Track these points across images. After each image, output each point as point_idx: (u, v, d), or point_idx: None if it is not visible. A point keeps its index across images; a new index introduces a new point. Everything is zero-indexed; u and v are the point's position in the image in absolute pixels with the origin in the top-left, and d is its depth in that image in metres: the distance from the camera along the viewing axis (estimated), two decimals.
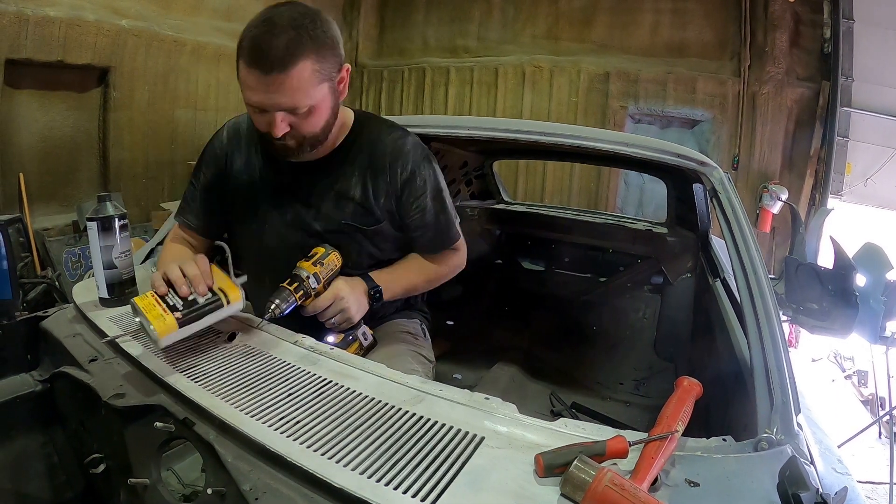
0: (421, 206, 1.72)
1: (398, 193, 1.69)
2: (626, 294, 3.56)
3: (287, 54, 1.37)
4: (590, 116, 7.09)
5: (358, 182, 1.68)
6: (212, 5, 6.34)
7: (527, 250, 3.91)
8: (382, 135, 1.71)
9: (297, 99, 1.43)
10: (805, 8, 6.17)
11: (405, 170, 1.68)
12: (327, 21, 1.47)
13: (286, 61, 1.37)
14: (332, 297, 1.60)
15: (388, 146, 1.69)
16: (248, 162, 1.73)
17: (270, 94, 1.42)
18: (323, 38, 1.44)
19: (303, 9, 1.44)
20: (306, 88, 1.43)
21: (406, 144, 1.70)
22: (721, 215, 1.73)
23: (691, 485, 0.97)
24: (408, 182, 1.68)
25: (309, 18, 1.42)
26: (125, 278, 1.63)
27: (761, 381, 1.22)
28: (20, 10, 4.50)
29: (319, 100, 1.48)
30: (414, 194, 1.70)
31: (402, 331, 1.91)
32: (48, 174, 5.16)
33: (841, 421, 4.67)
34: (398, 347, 1.80)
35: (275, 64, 1.37)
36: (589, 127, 4.11)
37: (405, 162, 1.68)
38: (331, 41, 1.47)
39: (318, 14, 1.46)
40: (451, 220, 1.82)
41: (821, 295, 2.29)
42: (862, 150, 6.14)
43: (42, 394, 1.54)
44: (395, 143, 1.69)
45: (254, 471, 1.01)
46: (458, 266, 1.92)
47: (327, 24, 1.47)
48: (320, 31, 1.43)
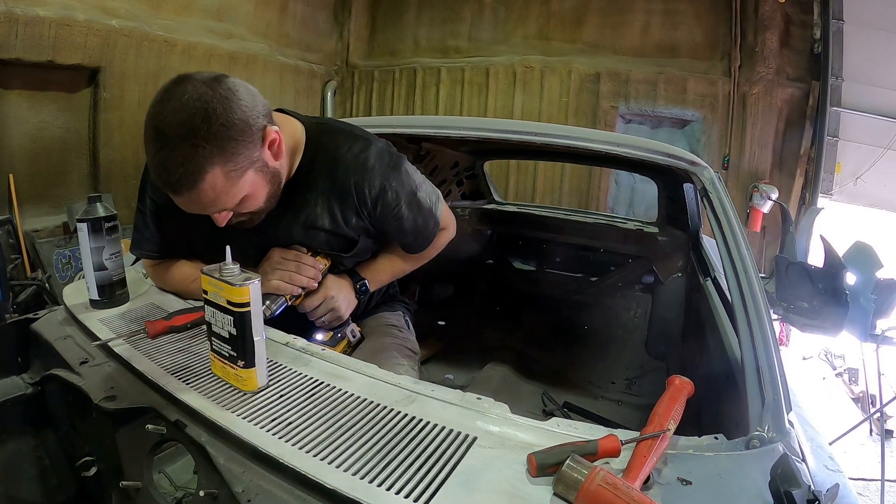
0: (397, 217, 1.65)
1: (371, 210, 1.61)
2: (618, 293, 3.57)
3: (190, 173, 1.23)
4: (581, 116, 7.10)
5: (324, 210, 1.59)
6: (202, 5, 6.31)
7: (518, 250, 3.91)
8: (341, 151, 1.57)
9: (222, 203, 1.33)
10: (795, 8, 6.19)
11: (373, 187, 1.57)
12: (225, 101, 1.25)
13: (192, 181, 1.24)
14: (323, 297, 1.63)
15: (349, 165, 1.56)
16: None
17: (193, 208, 1.33)
18: (223, 133, 1.24)
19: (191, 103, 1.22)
20: (226, 192, 1.30)
21: (369, 159, 1.56)
22: (712, 215, 1.73)
23: (683, 483, 0.97)
24: (379, 198, 1.59)
25: (200, 116, 1.21)
26: (116, 280, 1.62)
27: (752, 379, 1.23)
28: (10, 10, 4.47)
29: (248, 189, 1.35)
30: (388, 208, 1.61)
31: (387, 324, 1.93)
32: (38, 175, 5.12)
33: (832, 418, 4.70)
34: (383, 342, 1.81)
35: (181, 186, 1.25)
36: (580, 127, 4.12)
37: (371, 179, 1.56)
38: (236, 129, 1.27)
39: (210, 101, 1.23)
40: (428, 216, 1.73)
41: (811, 293, 2.30)
42: (852, 150, 6.17)
43: (33, 396, 1.53)
44: (356, 160, 1.56)
45: (246, 472, 1.00)
46: (445, 242, 1.92)
47: (226, 108, 1.25)
48: (218, 127, 1.23)
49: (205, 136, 1.21)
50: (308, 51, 7.90)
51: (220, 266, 1.19)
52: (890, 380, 4.63)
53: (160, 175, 1.25)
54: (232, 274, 1.18)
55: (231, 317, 1.18)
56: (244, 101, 1.29)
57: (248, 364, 1.19)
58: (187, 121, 1.21)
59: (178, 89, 1.24)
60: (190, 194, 1.26)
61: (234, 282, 1.16)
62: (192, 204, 1.31)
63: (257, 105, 1.34)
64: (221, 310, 1.19)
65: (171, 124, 1.21)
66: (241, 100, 1.28)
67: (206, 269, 1.21)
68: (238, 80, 1.33)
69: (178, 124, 1.21)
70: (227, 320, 1.18)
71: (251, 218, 1.47)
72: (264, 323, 1.30)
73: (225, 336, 1.20)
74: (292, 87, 7.62)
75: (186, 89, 1.23)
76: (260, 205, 1.43)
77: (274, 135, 1.37)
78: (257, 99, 1.35)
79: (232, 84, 1.29)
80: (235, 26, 6.73)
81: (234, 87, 1.29)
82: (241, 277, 1.18)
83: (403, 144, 2.85)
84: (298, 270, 1.55)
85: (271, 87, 7.22)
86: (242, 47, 6.76)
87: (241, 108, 1.28)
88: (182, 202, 1.31)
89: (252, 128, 1.30)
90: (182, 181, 1.23)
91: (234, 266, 1.18)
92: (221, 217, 1.38)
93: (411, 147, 2.96)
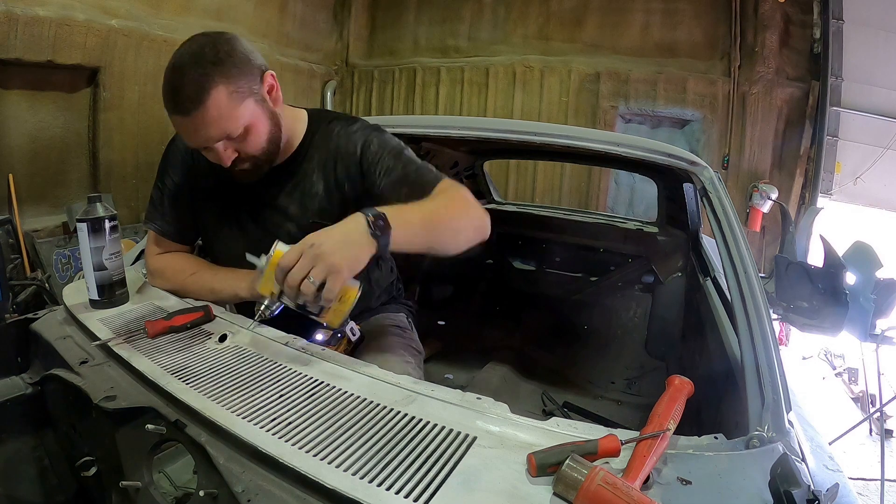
0: (384, 168, 1.61)
1: (359, 169, 1.65)
2: (618, 293, 3.57)
3: (197, 90, 1.38)
4: (580, 116, 7.10)
5: (319, 178, 1.68)
6: (202, 5, 6.31)
7: (518, 250, 3.91)
8: (332, 126, 1.72)
9: (226, 126, 1.44)
10: (795, 8, 6.19)
11: (357, 145, 1.66)
12: (230, 40, 1.47)
13: (199, 97, 1.38)
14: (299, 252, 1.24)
15: (338, 135, 1.69)
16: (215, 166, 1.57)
17: (200, 132, 1.43)
18: (227, 59, 1.43)
19: (201, 39, 1.45)
20: (230, 113, 1.43)
21: (353, 126, 1.70)
22: (711, 214, 1.73)
23: (683, 483, 0.97)
24: (363, 154, 1.65)
25: (208, 46, 1.42)
26: (115, 280, 1.62)
27: (752, 378, 1.23)
28: (9, 10, 4.46)
29: (249, 117, 1.48)
30: (373, 161, 1.63)
31: (391, 324, 1.93)
32: (38, 175, 5.12)
33: (832, 418, 4.70)
34: (389, 340, 1.82)
35: (189, 104, 1.38)
36: (579, 127, 4.12)
37: (355, 140, 1.67)
38: (238, 58, 1.45)
39: (218, 38, 1.46)
40: (422, 167, 1.64)
41: (811, 293, 2.30)
42: (851, 150, 6.18)
43: (32, 396, 1.53)
44: (344, 130, 1.70)
45: (246, 472, 1.00)
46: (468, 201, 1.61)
47: (230, 44, 1.46)
48: (223, 54, 1.42)
49: (211, 59, 1.40)
50: (308, 50, 7.90)
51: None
52: (890, 380, 4.63)
53: (171, 98, 1.40)
54: None
55: None
56: (246, 45, 1.50)
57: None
58: (197, 51, 1.41)
59: (191, 39, 1.45)
60: (197, 112, 1.39)
61: None
62: (199, 125, 1.41)
63: (257, 53, 1.54)
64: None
65: (184, 56, 1.41)
66: (242, 43, 1.50)
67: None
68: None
69: (188, 55, 1.41)
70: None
71: (253, 165, 1.55)
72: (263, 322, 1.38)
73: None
74: (292, 86, 7.61)
75: (197, 38, 1.45)
76: (262, 143, 1.53)
77: (271, 80, 1.54)
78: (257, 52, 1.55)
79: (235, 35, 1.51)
80: (235, 26, 6.72)
81: (237, 37, 1.51)
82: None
83: None
84: None
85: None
86: None
87: (243, 47, 1.49)
88: (190, 125, 1.42)
89: (252, 63, 1.49)
90: (190, 99, 1.38)
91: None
92: (225, 154, 1.48)
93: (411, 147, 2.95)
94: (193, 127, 1.42)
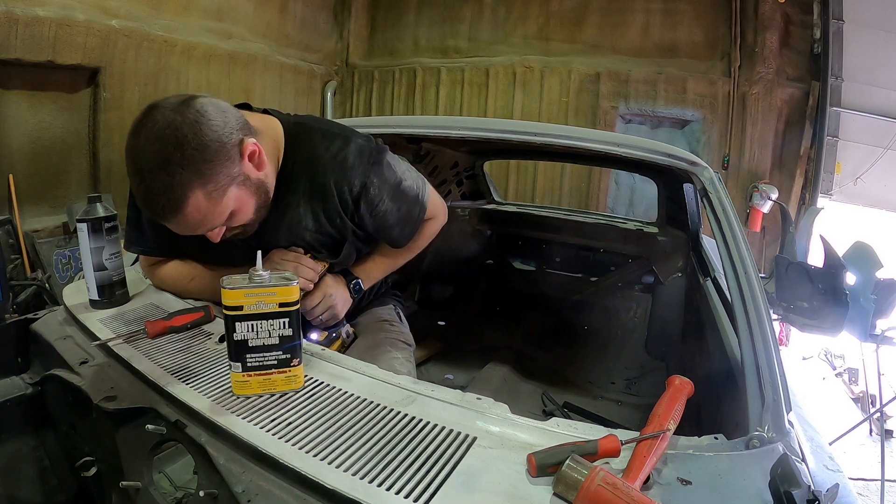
0: (382, 211, 1.64)
1: (354, 208, 1.61)
2: (618, 294, 3.57)
3: (171, 199, 1.26)
4: (580, 117, 7.10)
5: (307, 211, 1.59)
6: (202, 5, 6.31)
7: (518, 250, 3.91)
8: (319, 150, 1.57)
9: (210, 222, 1.35)
10: (795, 9, 6.19)
11: (354, 186, 1.57)
12: (195, 124, 1.26)
13: (175, 206, 1.27)
14: (322, 295, 1.65)
15: (327, 164, 1.56)
16: None
17: (186, 230, 1.35)
18: (198, 155, 1.26)
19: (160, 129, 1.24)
20: (212, 211, 1.33)
21: (348, 157, 1.56)
22: (711, 215, 1.73)
23: (683, 483, 0.97)
24: (361, 196, 1.58)
25: (172, 144, 1.23)
26: (115, 280, 1.62)
27: (752, 379, 1.23)
28: (9, 10, 4.47)
29: (234, 204, 1.37)
30: (371, 204, 1.61)
31: (379, 319, 1.95)
32: (38, 175, 5.12)
33: (832, 418, 4.70)
34: (378, 337, 1.83)
35: (166, 212, 1.28)
36: (580, 127, 4.12)
37: (351, 178, 1.56)
38: (210, 150, 1.28)
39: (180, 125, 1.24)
40: (414, 203, 1.73)
41: (811, 293, 2.30)
42: (851, 150, 6.17)
43: (33, 397, 1.53)
44: (334, 160, 1.56)
45: (246, 473, 1.00)
46: (435, 230, 1.91)
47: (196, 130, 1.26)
48: (191, 151, 1.25)
49: (179, 161, 1.23)
50: (308, 51, 7.90)
51: (252, 274, 1.18)
52: (890, 380, 4.63)
53: (146, 205, 1.29)
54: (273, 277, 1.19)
55: (285, 318, 1.19)
56: (214, 121, 1.30)
57: (300, 359, 1.22)
58: (160, 150, 1.23)
59: (148, 120, 1.26)
60: (176, 219, 1.30)
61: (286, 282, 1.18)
62: (182, 227, 1.34)
63: (229, 121, 1.34)
64: (269, 317, 1.18)
65: (146, 156, 1.24)
66: (210, 120, 1.29)
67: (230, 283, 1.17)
68: (207, 100, 1.33)
69: (152, 154, 1.23)
70: (279, 324, 1.19)
71: (244, 230, 1.48)
72: None
73: (274, 343, 1.19)
74: (292, 87, 7.62)
75: (156, 119, 1.25)
76: (250, 216, 1.45)
77: (252, 146, 1.38)
78: (229, 115, 1.35)
79: (200, 105, 1.30)
80: (235, 26, 6.73)
81: (203, 108, 1.30)
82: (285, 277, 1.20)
83: (403, 144, 2.85)
84: (297, 272, 1.54)
85: (271, 87, 7.22)
86: (242, 47, 6.76)
87: (212, 129, 1.29)
88: (172, 226, 1.34)
89: (226, 145, 1.31)
90: (167, 208, 1.27)
91: (264, 272, 1.18)
92: (214, 234, 1.40)
93: (411, 147, 2.96)
94: (175, 226, 1.33)
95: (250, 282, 1.16)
